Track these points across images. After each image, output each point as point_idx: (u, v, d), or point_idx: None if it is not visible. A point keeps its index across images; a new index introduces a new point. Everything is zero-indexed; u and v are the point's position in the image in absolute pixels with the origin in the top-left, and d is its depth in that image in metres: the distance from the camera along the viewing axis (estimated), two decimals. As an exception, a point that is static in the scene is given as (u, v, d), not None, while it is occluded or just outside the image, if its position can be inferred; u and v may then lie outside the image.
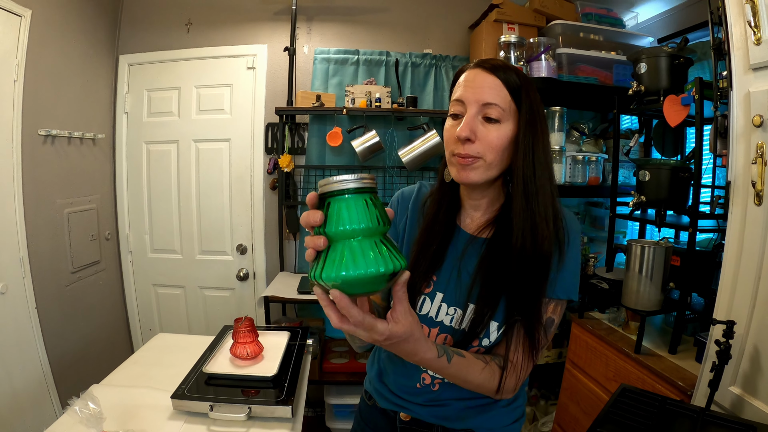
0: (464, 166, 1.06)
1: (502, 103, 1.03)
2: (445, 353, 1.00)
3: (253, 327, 1.87)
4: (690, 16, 2.73)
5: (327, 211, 0.79)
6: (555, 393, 3.21)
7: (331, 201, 0.79)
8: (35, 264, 2.59)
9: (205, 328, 3.62)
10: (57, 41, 2.76)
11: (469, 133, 1.02)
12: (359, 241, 0.78)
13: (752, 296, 1.54)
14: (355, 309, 0.79)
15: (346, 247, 0.77)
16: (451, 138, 1.08)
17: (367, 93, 3.20)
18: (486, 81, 1.04)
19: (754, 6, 1.50)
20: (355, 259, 0.76)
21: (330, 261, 0.77)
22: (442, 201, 1.20)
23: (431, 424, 1.23)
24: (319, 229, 0.79)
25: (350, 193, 0.78)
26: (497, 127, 1.04)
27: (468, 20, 3.42)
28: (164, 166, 3.51)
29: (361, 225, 0.77)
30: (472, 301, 1.11)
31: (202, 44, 3.41)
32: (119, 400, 1.64)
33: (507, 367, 1.07)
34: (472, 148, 1.04)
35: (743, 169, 1.59)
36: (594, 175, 2.94)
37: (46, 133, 2.65)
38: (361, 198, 0.79)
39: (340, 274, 0.75)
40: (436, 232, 1.17)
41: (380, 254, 0.78)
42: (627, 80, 2.83)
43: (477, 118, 1.04)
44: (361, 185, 0.78)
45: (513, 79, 1.05)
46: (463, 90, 1.06)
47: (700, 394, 1.72)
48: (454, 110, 1.09)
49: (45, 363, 2.64)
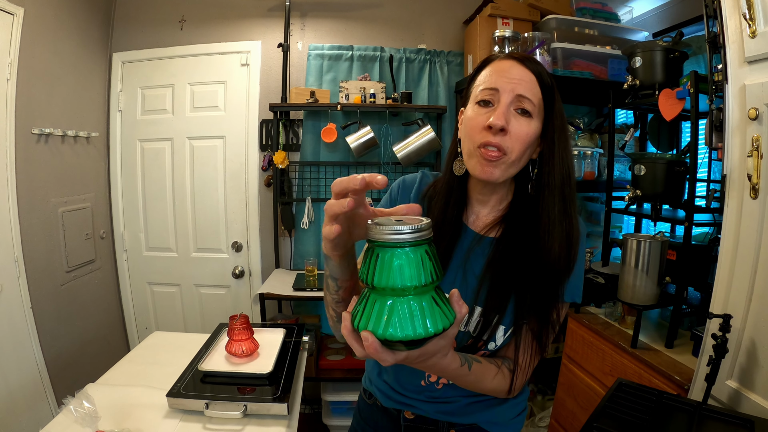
0: (489, 161, 1.01)
1: (535, 99, 1.01)
2: (466, 362, 0.97)
3: (248, 324, 1.86)
4: (685, 10, 2.73)
5: (375, 259, 0.69)
6: (552, 388, 3.21)
7: (380, 251, 0.69)
8: (30, 263, 2.57)
9: (201, 326, 3.62)
10: (50, 39, 2.74)
11: (505, 123, 0.98)
12: (410, 299, 0.69)
13: (748, 290, 1.54)
14: (387, 353, 0.71)
15: (396, 305, 0.69)
16: (478, 126, 1.02)
17: (361, 89, 3.19)
18: (523, 74, 1.02)
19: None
20: (403, 319, 0.68)
21: (375, 315, 0.70)
22: (451, 196, 1.15)
23: (436, 421, 1.22)
24: (365, 277, 0.71)
25: (407, 246, 0.68)
26: (528, 122, 1.01)
27: (462, 15, 3.42)
28: (158, 164, 3.49)
29: (415, 282, 0.67)
30: (479, 303, 1.09)
31: (196, 41, 3.40)
32: (115, 398, 1.63)
33: (517, 370, 1.07)
34: (503, 139, 0.99)
35: (739, 163, 1.59)
36: (589, 169, 2.94)
37: (39, 132, 2.63)
38: (419, 251, 0.69)
39: (386, 332, 0.68)
40: (445, 231, 1.12)
41: (431, 314, 0.70)
42: (622, 75, 2.82)
43: (510, 109, 1.01)
44: (420, 237, 0.68)
45: (546, 77, 1.03)
46: (497, 78, 1.02)
47: (697, 389, 1.72)
48: (483, 97, 1.03)
49: (41, 362, 2.63)
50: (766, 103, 1.47)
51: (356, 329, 0.71)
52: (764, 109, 1.48)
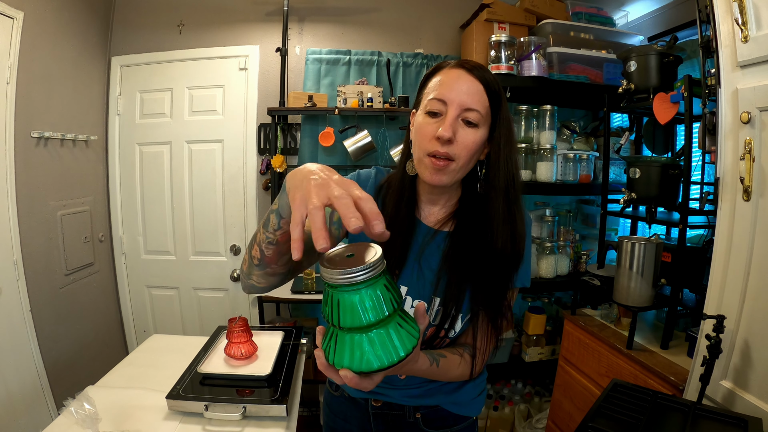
0: (437, 169, 1.06)
1: (482, 109, 1.05)
2: (434, 360, 1.04)
3: (247, 327, 1.87)
4: (679, 14, 2.75)
5: (336, 302, 0.69)
6: (549, 390, 3.23)
7: (338, 295, 0.68)
8: (29, 266, 2.58)
9: (199, 329, 3.62)
10: (49, 43, 2.75)
11: (452, 135, 1.03)
12: (379, 331, 0.70)
13: (742, 291, 1.56)
14: (366, 381, 0.75)
15: (362, 341, 0.70)
16: (427, 136, 1.06)
17: (358, 93, 3.21)
18: (470, 84, 1.05)
19: (742, 4, 1.52)
20: (376, 350, 0.70)
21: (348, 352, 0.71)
22: (403, 194, 1.19)
23: (403, 406, 1.29)
24: (329, 318, 0.71)
25: (363, 287, 0.68)
26: (474, 131, 1.06)
27: (459, 20, 3.43)
28: (157, 167, 3.50)
29: (380, 316, 0.69)
30: (438, 294, 1.14)
31: (194, 45, 3.41)
32: (115, 401, 1.64)
33: (476, 355, 1.15)
34: (450, 148, 1.04)
35: (732, 166, 1.61)
36: (585, 172, 2.95)
37: (38, 135, 2.64)
38: (377, 287, 0.69)
39: (354, 366, 0.70)
40: (400, 226, 1.16)
41: (399, 338, 0.71)
42: (617, 78, 2.85)
43: (458, 120, 1.05)
44: (374, 274, 0.67)
45: (493, 85, 1.07)
46: (446, 89, 1.06)
47: (691, 389, 1.74)
48: (432, 108, 1.07)
49: (40, 365, 2.63)
50: (759, 107, 1.49)
51: (332, 365, 0.74)
52: (756, 113, 1.49)
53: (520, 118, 2.96)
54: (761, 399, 1.49)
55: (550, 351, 3.16)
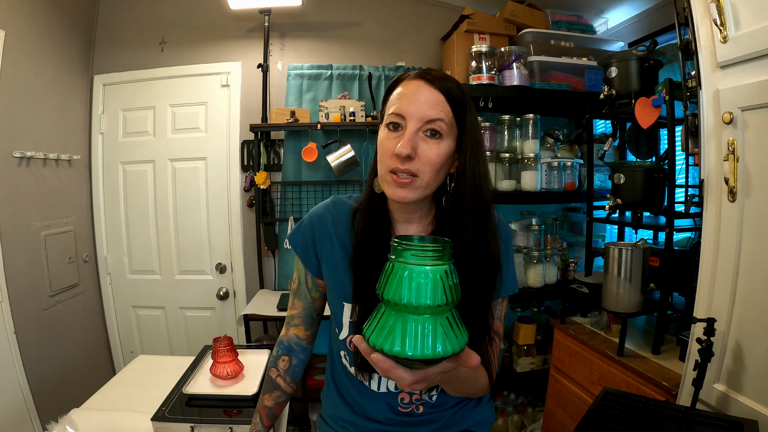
0: (400, 186, 1.00)
1: (446, 118, 0.99)
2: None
3: (232, 346, 1.85)
4: (659, 19, 2.78)
5: (390, 271, 0.69)
6: (542, 400, 3.20)
7: (396, 264, 0.69)
8: (12, 288, 2.54)
9: (186, 349, 3.57)
10: (31, 62, 2.73)
11: (411, 151, 0.97)
12: (421, 319, 0.68)
13: (731, 292, 1.55)
14: (402, 370, 0.72)
15: (408, 322, 0.68)
16: (388, 152, 1.01)
17: (341, 107, 3.20)
18: (429, 96, 0.99)
19: (720, 5, 1.53)
20: (408, 336, 0.68)
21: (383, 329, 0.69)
22: (373, 215, 1.12)
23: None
24: (378, 288, 0.70)
25: (430, 261, 0.68)
26: (438, 143, 0.99)
27: (440, 32, 3.44)
28: (141, 186, 3.47)
29: (430, 302, 0.67)
30: None
31: (177, 63, 3.40)
32: (99, 423, 1.61)
33: (490, 366, 1.10)
34: (411, 164, 0.98)
35: (715, 167, 1.61)
36: (570, 180, 2.95)
37: (21, 155, 2.61)
38: (438, 271, 0.68)
39: (393, 348, 0.68)
40: (374, 250, 1.07)
41: (440, 336, 0.68)
42: (599, 85, 2.86)
43: (418, 134, 0.99)
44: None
45: (456, 93, 1.01)
46: (405, 103, 1.00)
47: (685, 394, 1.73)
48: (392, 120, 1.01)
49: (25, 387, 2.58)
50: (740, 107, 1.49)
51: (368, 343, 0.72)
52: (738, 113, 1.50)
53: (503, 128, 2.96)
54: (756, 401, 1.48)
55: (542, 360, 3.14)
